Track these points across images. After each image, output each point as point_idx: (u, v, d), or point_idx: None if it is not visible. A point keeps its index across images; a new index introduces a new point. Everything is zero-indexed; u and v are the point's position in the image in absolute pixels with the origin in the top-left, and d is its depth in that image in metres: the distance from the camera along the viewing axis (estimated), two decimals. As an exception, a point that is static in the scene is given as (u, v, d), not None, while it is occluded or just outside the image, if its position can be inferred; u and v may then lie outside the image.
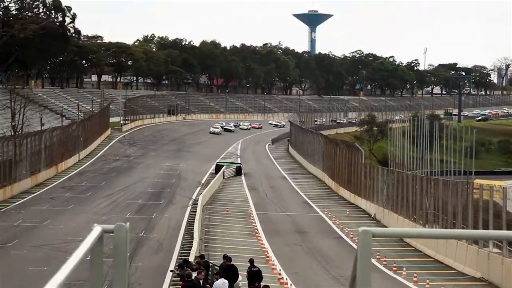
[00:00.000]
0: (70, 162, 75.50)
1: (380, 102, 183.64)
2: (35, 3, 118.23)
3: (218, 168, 72.54)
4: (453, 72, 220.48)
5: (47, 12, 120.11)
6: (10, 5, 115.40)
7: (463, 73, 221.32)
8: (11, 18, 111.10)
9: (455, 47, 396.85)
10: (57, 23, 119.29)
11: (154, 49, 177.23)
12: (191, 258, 28.92)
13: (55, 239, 38.65)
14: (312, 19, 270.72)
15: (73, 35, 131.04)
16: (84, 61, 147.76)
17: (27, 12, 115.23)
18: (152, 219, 46.65)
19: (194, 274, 22.04)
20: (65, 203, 52.67)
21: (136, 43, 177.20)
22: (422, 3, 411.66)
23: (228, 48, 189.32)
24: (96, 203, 52.46)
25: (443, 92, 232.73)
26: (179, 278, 23.48)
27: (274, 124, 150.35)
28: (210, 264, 27.08)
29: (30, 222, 44.55)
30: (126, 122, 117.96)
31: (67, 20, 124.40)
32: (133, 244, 37.01)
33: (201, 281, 22.02)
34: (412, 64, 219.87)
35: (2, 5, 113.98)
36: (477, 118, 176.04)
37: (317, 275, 34.35)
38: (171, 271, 29.81)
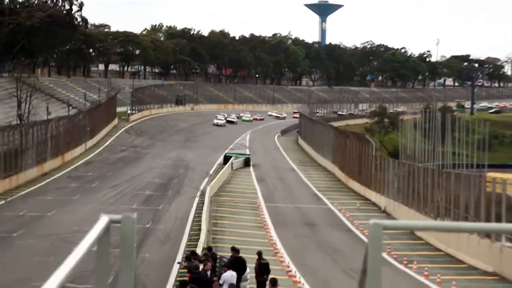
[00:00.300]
0: (77, 152, 75.39)
1: (392, 93, 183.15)
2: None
3: (226, 159, 72.36)
4: (466, 63, 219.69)
5: (54, 0, 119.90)
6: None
7: (476, 65, 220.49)
8: (18, 6, 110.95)
9: (468, 38, 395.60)
10: (64, 11, 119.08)
11: (162, 39, 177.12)
12: (199, 250, 28.67)
13: (61, 229, 38.47)
14: (323, 9, 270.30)
15: (80, 23, 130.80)
16: (91, 50, 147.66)
17: (33, 0, 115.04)
18: (159, 210, 46.42)
19: (201, 266, 21.79)
20: (71, 193, 52.51)
21: (144, 32, 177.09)
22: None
23: (237, 38, 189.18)
24: (102, 193, 52.28)
25: (456, 84, 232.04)
26: (186, 270, 23.22)
27: (275, 116, 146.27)
28: (218, 256, 26.84)
29: (36, 212, 44.38)
30: (134, 112, 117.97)
31: (74, 8, 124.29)
32: (140, 235, 36.79)
33: (208, 273, 21.77)
34: (424, 55, 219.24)
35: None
36: (490, 111, 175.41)
37: (326, 267, 34.05)
38: (178, 263, 29.57)
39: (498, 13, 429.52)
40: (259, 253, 25.59)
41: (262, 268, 24.77)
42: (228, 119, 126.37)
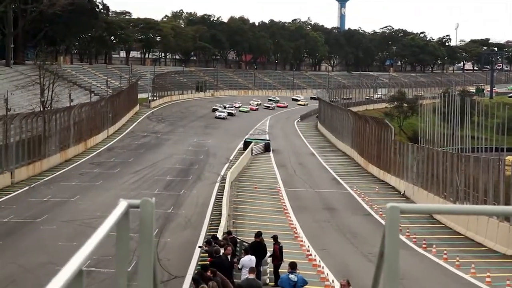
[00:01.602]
0: (99, 138, 75.92)
1: (411, 78, 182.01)
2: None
3: (246, 144, 72.53)
4: (485, 47, 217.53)
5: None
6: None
7: (496, 49, 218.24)
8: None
9: (488, 22, 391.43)
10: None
11: (182, 25, 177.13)
12: (219, 235, 28.83)
13: (84, 214, 38.80)
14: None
15: (102, 10, 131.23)
16: (112, 37, 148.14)
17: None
18: (181, 195, 46.70)
19: (222, 251, 21.95)
20: (94, 179, 52.95)
21: (164, 19, 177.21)
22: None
23: (257, 24, 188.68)
24: (124, 179, 52.66)
25: (475, 68, 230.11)
26: (207, 254, 23.40)
27: (265, 106, 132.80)
28: (238, 240, 27.00)
29: (60, 197, 44.82)
30: (155, 98, 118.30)
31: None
32: (162, 220, 37.07)
33: (228, 257, 21.93)
34: (444, 39, 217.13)
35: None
36: (510, 94, 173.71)
37: (346, 251, 34.17)
38: (199, 247, 29.74)
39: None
40: (275, 237, 25.71)
41: (281, 252, 24.99)
42: (227, 111, 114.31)
